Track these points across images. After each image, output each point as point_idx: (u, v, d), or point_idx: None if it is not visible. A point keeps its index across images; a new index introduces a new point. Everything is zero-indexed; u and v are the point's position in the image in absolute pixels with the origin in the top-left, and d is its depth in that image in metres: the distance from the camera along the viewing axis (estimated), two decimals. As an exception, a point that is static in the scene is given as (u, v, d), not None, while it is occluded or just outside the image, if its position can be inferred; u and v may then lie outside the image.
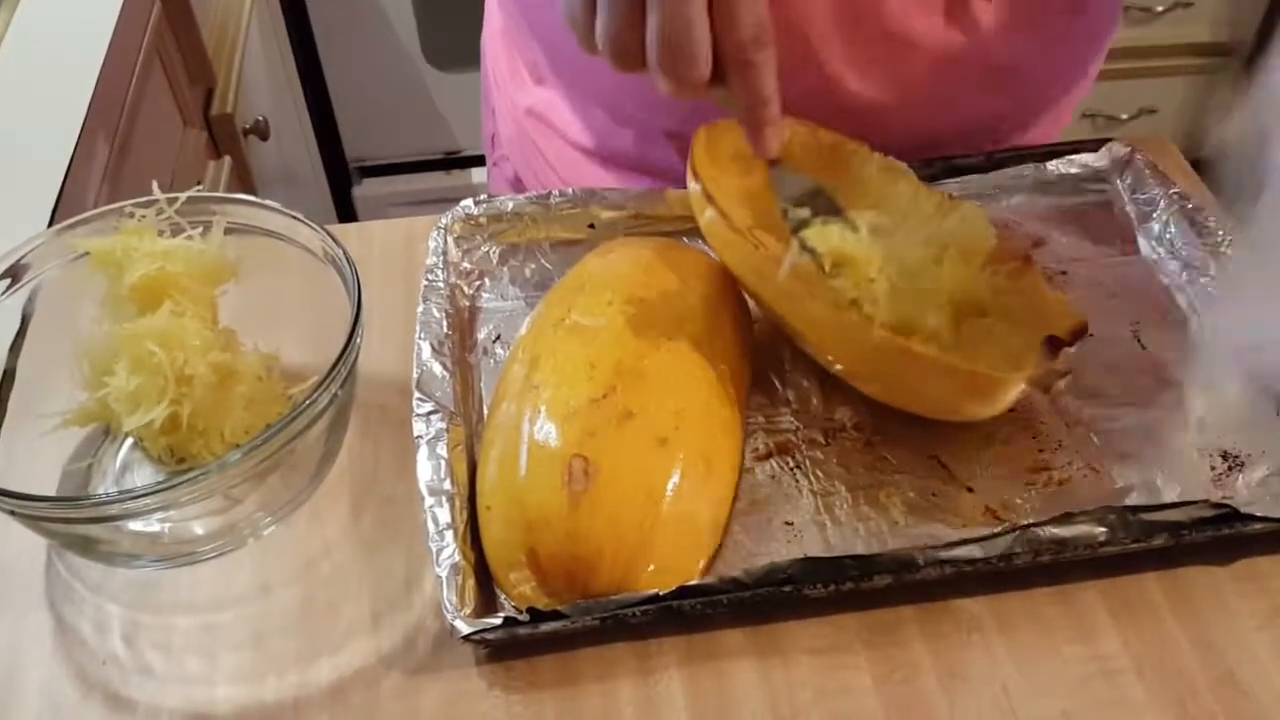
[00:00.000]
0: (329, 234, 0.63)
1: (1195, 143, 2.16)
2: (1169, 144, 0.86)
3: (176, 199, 0.64)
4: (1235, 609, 0.58)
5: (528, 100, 0.91)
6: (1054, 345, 0.60)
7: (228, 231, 0.65)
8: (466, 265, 0.75)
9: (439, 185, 2.21)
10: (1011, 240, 0.69)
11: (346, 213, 2.20)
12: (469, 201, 0.77)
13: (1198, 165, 0.83)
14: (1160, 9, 1.90)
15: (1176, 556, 0.60)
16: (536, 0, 0.85)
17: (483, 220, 0.77)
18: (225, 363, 0.62)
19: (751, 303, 0.69)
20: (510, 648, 0.57)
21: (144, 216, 0.64)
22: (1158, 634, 0.57)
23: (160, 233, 0.64)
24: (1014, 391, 0.60)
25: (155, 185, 0.64)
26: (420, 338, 0.66)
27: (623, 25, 0.55)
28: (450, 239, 0.75)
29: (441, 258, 0.72)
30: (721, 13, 0.54)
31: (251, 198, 0.66)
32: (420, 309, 0.68)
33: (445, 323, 0.68)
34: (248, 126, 1.45)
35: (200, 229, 0.65)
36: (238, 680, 0.56)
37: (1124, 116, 2.05)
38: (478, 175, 2.20)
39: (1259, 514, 0.58)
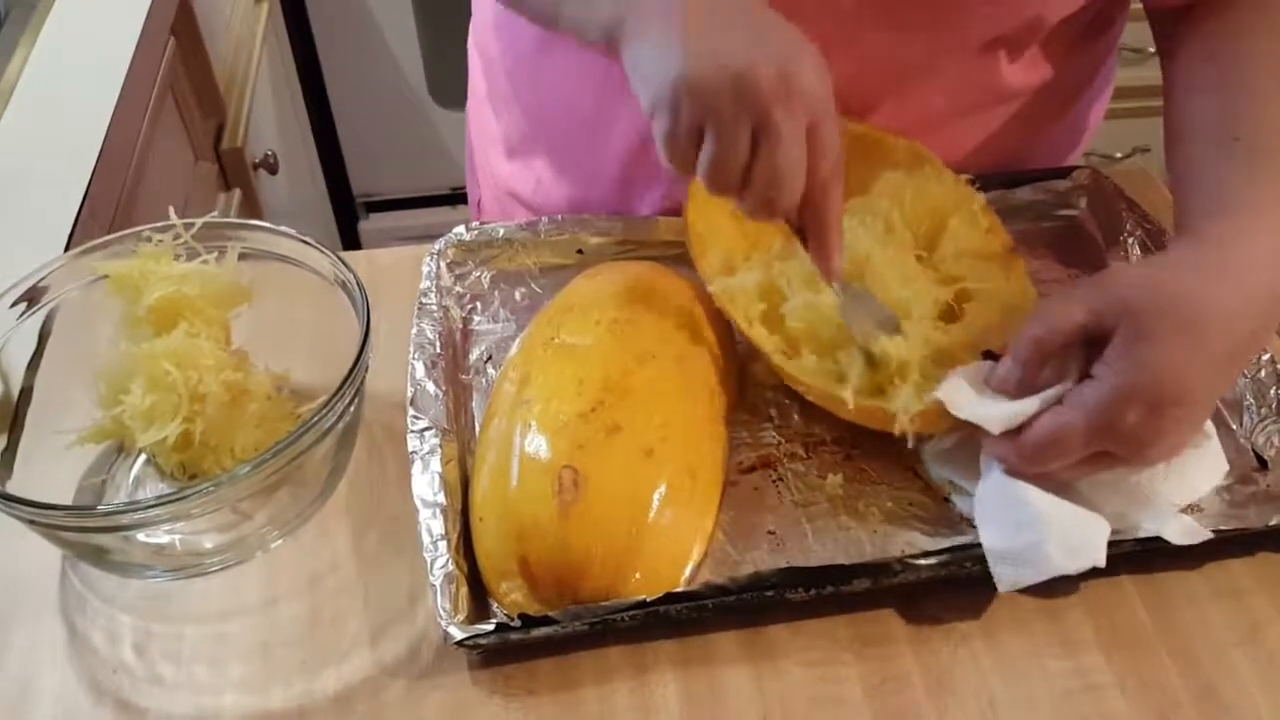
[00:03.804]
0: (339, 259, 0.66)
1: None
2: (1149, 174, 0.88)
3: (193, 224, 0.66)
4: (1216, 626, 0.60)
5: (503, 174, 0.94)
6: (990, 359, 0.63)
7: (241, 256, 0.68)
8: (459, 289, 0.78)
9: (444, 220, 2.22)
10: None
11: (353, 247, 2.22)
12: (461, 228, 0.80)
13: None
14: (1153, 50, 1.94)
15: (1149, 560, 0.62)
16: (522, 64, 0.88)
17: (474, 246, 0.79)
18: (237, 382, 0.64)
19: (734, 326, 0.72)
20: (508, 655, 0.58)
21: (161, 241, 0.66)
22: (1141, 649, 0.59)
23: (176, 257, 0.66)
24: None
25: (172, 210, 0.66)
26: (414, 358, 0.69)
27: (733, 157, 0.58)
28: (443, 264, 0.77)
29: (434, 282, 0.75)
30: (812, 148, 0.59)
31: (265, 224, 0.68)
32: (414, 330, 0.71)
33: (438, 343, 0.70)
34: (257, 160, 1.48)
35: (215, 254, 0.67)
36: (245, 689, 0.58)
37: (1118, 155, 2.08)
38: (482, 211, 2.23)
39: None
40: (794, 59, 0.58)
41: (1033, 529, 0.58)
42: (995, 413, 0.60)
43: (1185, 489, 0.62)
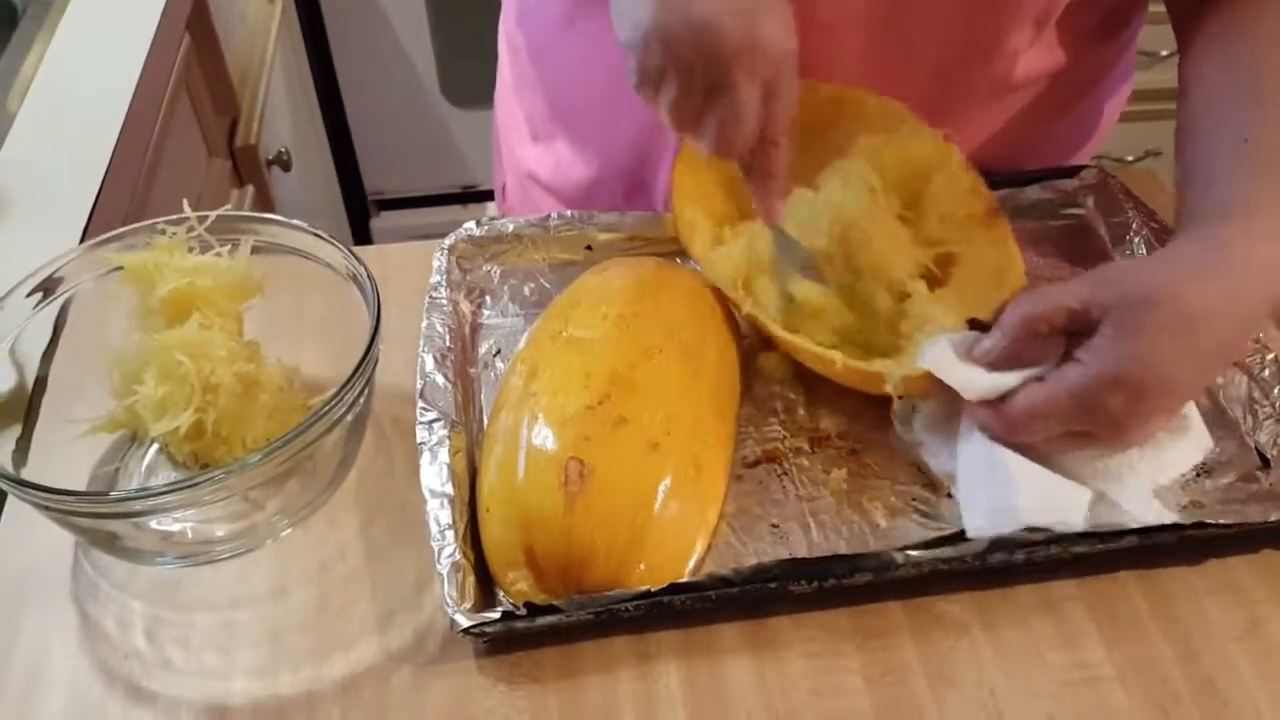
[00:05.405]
0: (351, 252, 0.67)
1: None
2: (1158, 176, 0.88)
3: (206, 217, 0.67)
4: (1216, 620, 0.60)
5: (526, 159, 0.96)
6: (976, 327, 0.64)
7: (254, 250, 0.69)
8: (469, 284, 0.79)
9: (455, 218, 2.21)
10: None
11: (364, 245, 2.23)
12: (471, 223, 0.81)
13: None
14: (1165, 53, 1.94)
15: (1151, 556, 0.62)
16: (544, 49, 0.90)
17: (484, 241, 0.80)
18: (249, 373, 0.65)
19: (740, 320, 0.73)
20: (513, 644, 0.59)
21: (175, 233, 0.67)
22: (1140, 643, 0.60)
23: (190, 249, 0.67)
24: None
25: (186, 203, 0.67)
26: (424, 350, 0.70)
27: (690, 103, 0.64)
28: (453, 259, 0.78)
29: (444, 276, 0.76)
30: (767, 102, 0.64)
31: (278, 217, 0.69)
32: (424, 324, 0.72)
33: (448, 337, 0.71)
34: (270, 157, 1.49)
35: (228, 247, 0.68)
36: (254, 675, 0.59)
37: (1130, 159, 2.08)
38: (493, 210, 2.24)
39: (1208, 520, 0.61)
40: (761, 15, 0.61)
41: (1008, 486, 0.60)
42: (977, 382, 0.62)
43: (1162, 468, 0.64)
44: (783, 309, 0.70)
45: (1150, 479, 0.63)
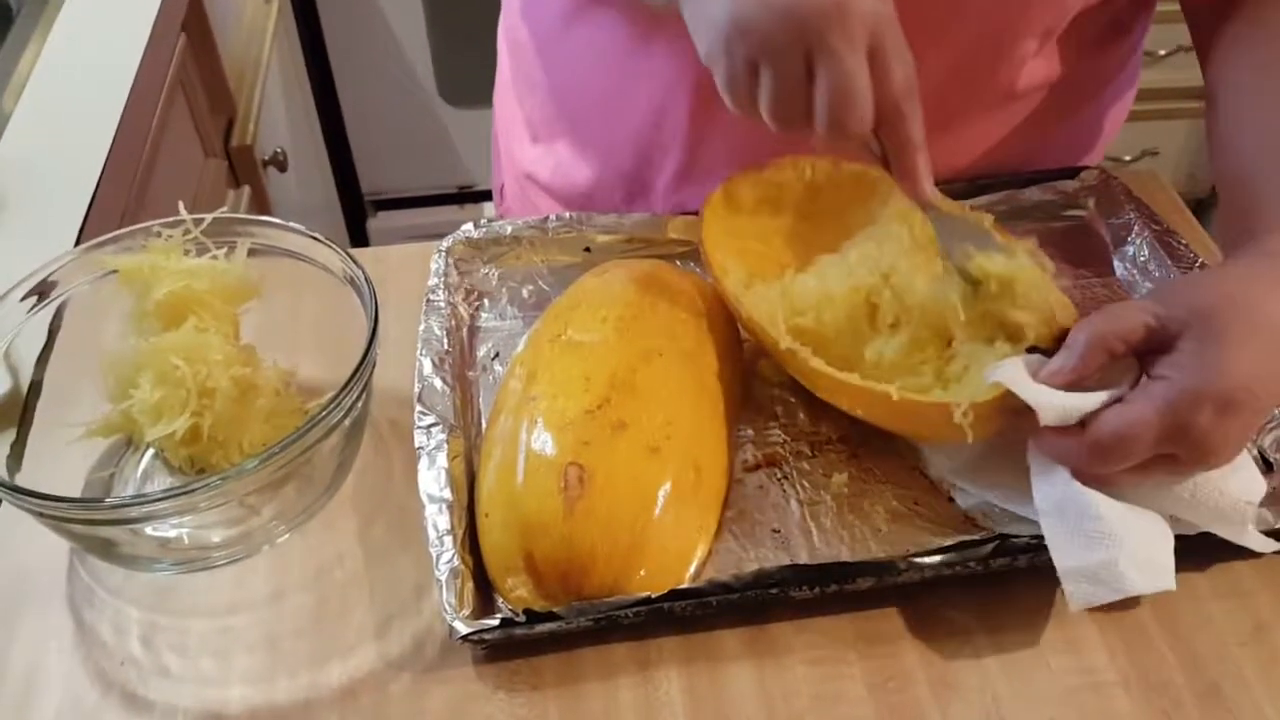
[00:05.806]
0: (348, 255, 0.66)
1: (1197, 184, 2.19)
2: (1158, 176, 0.88)
3: (202, 219, 0.67)
4: (1220, 625, 0.60)
5: (526, 159, 0.95)
6: (1035, 353, 0.61)
7: (251, 252, 0.68)
8: (467, 286, 0.78)
9: (452, 219, 2.22)
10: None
11: (361, 245, 2.23)
12: (469, 225, 0.80)
13: (1200, 206, 0.85)
14: (1163, 52, 1.94)
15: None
16: (548, 45, 0.89)
17: (482, 243, 0.80)
18: (246, 377, 0.64)
19: (740, 326, 0.71)
20: (513, 651, 0.59)
21: (170, 236, 0.67)
22: (1144, 648, 0.59)
23: (186, 252, 0.67)
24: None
25: (181, 205, 0.67)
26: (421, 354, 0.69)
27: (793, 88, 0.58)
28: (451, 261, 0.78)
29: (442, 279, 0.75)
30: (877, 68, 0.58)
31: (274, 220, 0.69)
32: (422, 327, 0.71)
33: (446, 340, 0.71)
34: (266, 158, 1.49)
35: (224, 249, 0.67)
36: (251, 681, 0.58)
37: (1127, 158, 2.08)
38: (490, 210, 2.24)
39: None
40: None
41: (1105, 545, 0.56)
42: (1056, 401, 0.57)
43: (1250, 486, 0.60)
44: (965, 295, 0.64)
45: (1246, 499, 0.59)
